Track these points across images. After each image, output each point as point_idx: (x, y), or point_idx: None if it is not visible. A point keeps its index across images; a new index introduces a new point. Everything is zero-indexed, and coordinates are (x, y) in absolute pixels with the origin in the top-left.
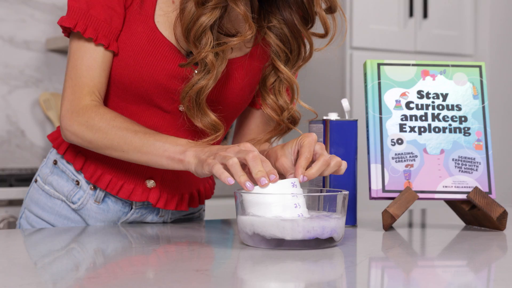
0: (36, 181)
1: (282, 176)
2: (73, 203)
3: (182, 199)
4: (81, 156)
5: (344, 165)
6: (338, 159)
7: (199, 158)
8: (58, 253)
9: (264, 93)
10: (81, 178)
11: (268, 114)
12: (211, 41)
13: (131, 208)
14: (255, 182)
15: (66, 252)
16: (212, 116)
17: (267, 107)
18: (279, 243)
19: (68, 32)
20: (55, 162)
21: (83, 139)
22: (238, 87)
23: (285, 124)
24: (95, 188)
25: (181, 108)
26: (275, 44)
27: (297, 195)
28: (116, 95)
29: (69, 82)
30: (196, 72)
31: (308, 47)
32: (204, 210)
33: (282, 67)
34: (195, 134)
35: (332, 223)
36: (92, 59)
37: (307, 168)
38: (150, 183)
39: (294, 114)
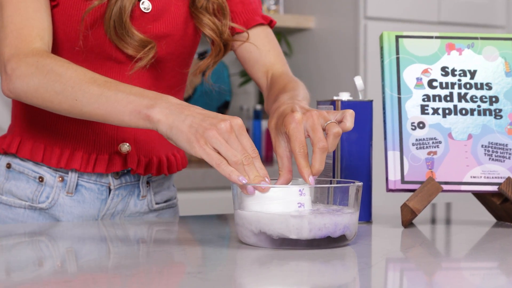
0: None
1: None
2: (40, 203)
3: (161, 163)
4: (39, 145)
5: (349, 121)
6: (335, 128)
7: (176, 122)
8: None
9: (198, 14)
10: (44, 172)
11: (208, 35)
12: None
13: (109, 192)
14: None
15: (35, 257)
16: (139, 35)
17: (206, 28)
18: (286, 243)
19: None
20: (8, 166)
21: (30, 83)
22: (170, 18)
23: (221, 46)
24: (63, 178)
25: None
26: None
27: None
28: (61, 54)
29: (10, 27)
30: None
31: None
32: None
33: None
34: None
35: (345, 219)
36: (37, 2)
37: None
38: (125, 147)
39: (228, 37)
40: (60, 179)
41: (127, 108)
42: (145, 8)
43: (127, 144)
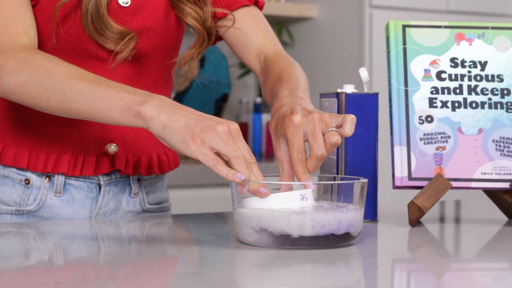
0: None
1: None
2: (28, 206)
3: (151, 162)
4: (23, 151)
5: (348, 127)
6: (334, 137)
7: (170, 121)
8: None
9: (179, 4)
10: (30, 174)
11: (191, 25)
12: None
13: (99, 189)
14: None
15: (21, 257)
16: (118, 26)
17: (188, 17)
18: (288, 240)
19: None
20: None
21: (18, 79)
22: (150, 10)
23: (204, 35)
24: (51, 178)
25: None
26: None
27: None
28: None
29: None
30: None
31: None
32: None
33: None
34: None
35: (349, 216)
36: (19, 0)
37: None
38: (112, 148)
39: (211, 25)
40: (47, 179)
41: (117, 104)
42: (124, 2)
43: (114, 144)
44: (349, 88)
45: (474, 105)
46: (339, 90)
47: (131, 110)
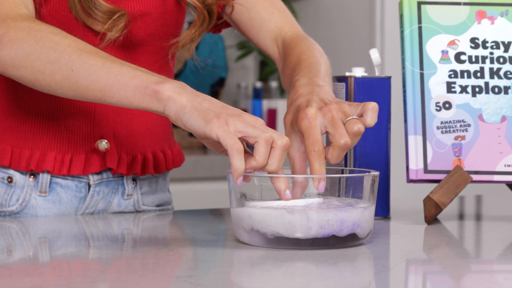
0: None
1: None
2: (10, 206)
3: (146, 161)
4: (5, 147)
5: (370, 116)
6: (356, 125)
7: (192, 102)
8: None
9: None
10: (13, 172)
11: (190, 2)
12: None
13: (89, 188)
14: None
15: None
16: (107, 4)
17: None
18: (283, 242)
19: None
20: None
21: (19, 50)
22: None
23: (204, 14)
24: (36, 176)
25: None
26: None
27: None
28: None
29: None
30: None
31: None
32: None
33: None
34: None
35: (354, 215)
36: None
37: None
38: (103, 144)
39: (211, 1)
40: (32, 177)
41: (131, 82)
42: None
43: (105, 140)
44: (358, 72)
45: (496, 90)
46: (347, 74)
47: (147, 89)
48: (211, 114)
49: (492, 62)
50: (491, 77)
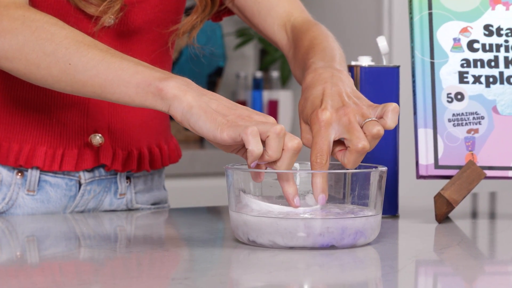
0: None
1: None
2: None
3: (141, 156)
4: None
5: (390, 118)
6: (374, 127)
7: (199, 102)
8: None
9: None
10: (0, 168)
11: None
12: None
13: (79, 187)
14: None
15: None
16: None
17: None
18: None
19: None
20: None
21: (13, 41)
22: None
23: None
24: (23, 174)
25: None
26: None
27: None
28: None
29: None
30: None
31: None
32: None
33: None
34: None
35: (357, 223)
36: None
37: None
38: (96, 139)
39: None
40: (20, 175)
41: (133, 78)
42: None
43: (99, 135)
44: (365, 61)
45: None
46: (353, 63)
47: (150, 86)
48: (220, 116)
49: (507, 50)
50: (506, 66)
